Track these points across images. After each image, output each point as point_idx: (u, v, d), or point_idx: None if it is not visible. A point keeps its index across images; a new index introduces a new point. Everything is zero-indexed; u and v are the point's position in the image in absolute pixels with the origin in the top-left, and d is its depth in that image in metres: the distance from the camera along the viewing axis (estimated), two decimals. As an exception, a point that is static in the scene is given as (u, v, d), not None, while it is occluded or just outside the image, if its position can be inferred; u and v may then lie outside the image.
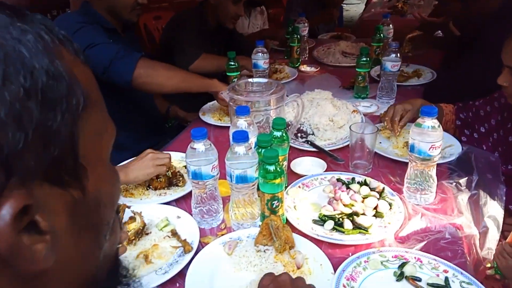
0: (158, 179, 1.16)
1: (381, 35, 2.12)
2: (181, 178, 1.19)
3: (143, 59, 1.46)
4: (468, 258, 0.86)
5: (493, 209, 1.03)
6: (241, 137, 0.92)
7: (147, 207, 1.04)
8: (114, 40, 1.54)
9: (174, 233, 0.95)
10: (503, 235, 1.04)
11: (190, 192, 1.05)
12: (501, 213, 1.02)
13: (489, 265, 0.98)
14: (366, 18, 3.48)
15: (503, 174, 1.08)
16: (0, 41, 0.29)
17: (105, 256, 0.39)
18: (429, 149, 1.00)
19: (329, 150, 1.33)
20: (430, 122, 1.00)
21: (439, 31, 2.19)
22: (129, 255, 0.92)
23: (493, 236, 0.98)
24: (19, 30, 0.31)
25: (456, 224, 0.97)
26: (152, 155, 1.18)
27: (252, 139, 1.06)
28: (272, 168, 0.92)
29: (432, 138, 1.00)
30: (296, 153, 1.36)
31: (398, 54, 1.64)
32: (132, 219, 0.97)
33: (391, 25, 2.24)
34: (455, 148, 1.27)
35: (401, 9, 3.47)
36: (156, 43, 3.41)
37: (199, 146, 0.95)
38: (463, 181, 1.08)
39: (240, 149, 0.93)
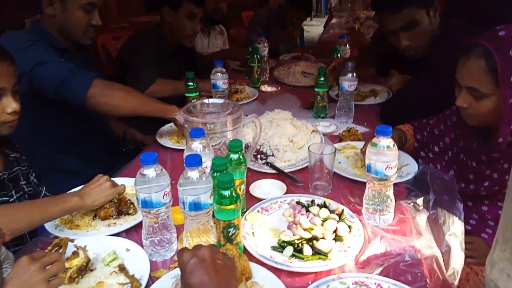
0: (104, 207, 1.08)
1: (339, 54, 2.16)
2: (132, 206, 1.12)
3: (98, 78, 1.39)
4: (429, 281, 0.84)
5: (454, 227, 1.03)
6: (194, 161, 0.88)
7: (93, 240, 0.96)
8: (66, 59, 1.47)
9: (122, 268, 0.88)
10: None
11: (142, 222, 0.98)
12: (462, 230, 1.02)
13: None
14: (325, 39, 3.57)
15: (459, 194, 1.09)
16: None
17: None
18: (385, 169, 0.99)
19: (289, 172, 1.31)
20: (385, 141, 1.00)
21: None
22: (71, 295, 0.84)
23: (457, 255, 0.97)
24: None
25: (415, 247, 0.96)
26: (107, 177, 1.12)
27: (208, 163, 1.02)
28: (227, 193, 0.88)
29: (387, 158, 0.99)
30: (256, 175, 1.32)
31: (355, 74, 1.66)
32: (75, 254, 0.88)
33: (347, 45, 2.29)
34: (412, 167, 1.28)
35: (358, 30, 3.60)
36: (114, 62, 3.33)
37: (149, 171, 0.89)
38: (420, 200, 1.08)
39: (193, 173, 0.88)
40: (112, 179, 1.27)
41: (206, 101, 1.22)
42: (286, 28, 3.28)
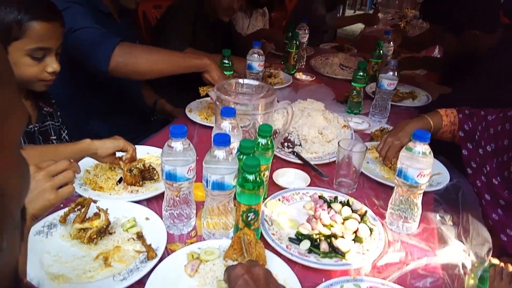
0: (132, 173, 1.09)
1: (381, 51, 2.08)
2: (155, 172, 1.13)
3: (120, 45, 1.32)
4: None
5: (480, 239, 0.99)
6: (222, 140, 0.86)
7: (115, 204, 0.97)
8: (107, 25, 1.46)
9: (140, 236, 0.88)
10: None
11: (164, 193, 0.99)
12: (490, 245, 0.98)
13: (471, 281, 0.93)
14: (367, 33, 3.46)
15: (504, 200, 1.03)
16: None
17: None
18: (417, 176, 0.95)
19: (314, 164, 1.28)
20: (421, 147, 0.95)
21: None
22: (88, 255, 0.85)
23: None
24: None
25: (437, 254, 0.92)
26: (123, 140, 1.13)
27: (235, 144, 1.00)
28: (251, 177, 0.86)
29: (421, 165, 0.95)
30: (280, 163, 1.30)
31: (396, 73, 1.60)
32: (97, 215, 0.90)
33: (391, 43, 2.21)
34: (443, 177, 1.23)
35: (403, 28, 3.46)
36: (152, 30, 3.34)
37: (177, 144, 0.89)
38: (448, 217, 1.04)
39: (220, 153, 0.87)
40: (138, 146, 1.29)
41: (241, 81, 1.20)
42: (332, 10, 3.23)
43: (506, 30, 1.55)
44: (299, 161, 1.30)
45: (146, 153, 1.27)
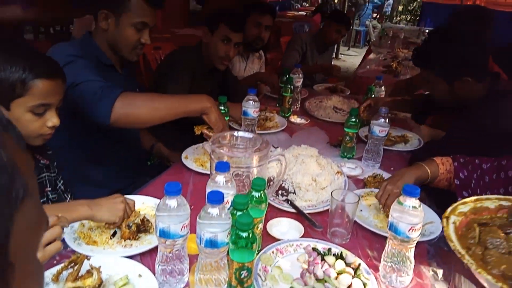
0: (130, 228, 1.09)
1: (373, 95, 2.14)
2: (149, 224, 1.14)
3: (121, 97, 1.33)
4: None
5: None
6: (216, 198, 0.88)
7: (108, 260, 0.97)
8: (110, 77, 1.52)
9: (132, 295, 0.88)
10: None
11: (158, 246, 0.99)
12: None
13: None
14: (360, 74, 3.56)
15: None
16: None
17: None
18: (409, 230, 0.96)
19: (309, 213, 1.29)
20: (411, 202, 0.97)
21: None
22: (79, 314, 0.85)
23: None
24: None
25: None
26: (123, 198, 1.13)
27: (229, 198, 1.02)
28: (245, 234, 0.88)
29: (412, 219, 0.97)
30: (274, 211, 1.31)
31: (387, 120, 1.64)
32: (89, 273, 0.90)
33: (383, 87, 2.28)
34: (436, 226, 1.24)
35: (395, 69, 3.57)
36: (152, 73, 3.43)
37: (172, 202, 0.90)
38: (440, 272, 1.04)
39: (213, 210, 0.88)
40: (134, 196, 1.30)
41: (235, 133, 1.23)
42: (325, 50, 3.35)
43: (495, 79, 1.60)
44: (293, 210, 1.32)
45: (142, 203, 1.28)
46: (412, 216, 0.97)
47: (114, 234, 1.10)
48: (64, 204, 1.12)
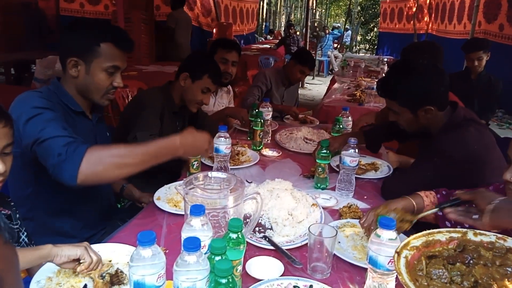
0: (103, 279, 1.04)
1: (341, 126, 2.20)
2: (123, 275, 1.08)
3: (87, 156, 1.23)
4: None
5: None
6: (193, 245, 0.85)
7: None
8: (80, 124, 1.48)
9: None
10: None
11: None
12: None
13: None
14: (327, 103, 3.67)
15: None
16: None
17: None
18: (388, 263, 0.97)
19: (287, 249, 1.28)
20: (388, 234, 0.98)
21: None
22: None
23: None
24: None
25: None
26: (87, 244, 1.09)
27: (206, 241, 1.00)
28: (224, 281, 0.85)
29: (391, 251, 0.97)
30: (253, 250, 1.29)
31: (357, 150, 1.68)
32: None
33: (350, 117, 2.35)
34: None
35: (359, 98, 3.71)
36: (119, 111, 3.37)
37: (146, 252, 0.86)
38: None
39: (191, 258, 0.85)
40: (105, 245, 1.24)
41: (209, 174, 1.22)
42: (290, 85, 3.44)
43: (454, 107, 1.68)
44: (272, 247, 1.29)
45: (112, 251, 1.22)
46: (391, 248, 0.97)
47: (85, 287, 1.04)
48: (28, 249, 1.07)
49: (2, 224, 0.35)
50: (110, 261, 1.14)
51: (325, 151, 1.73)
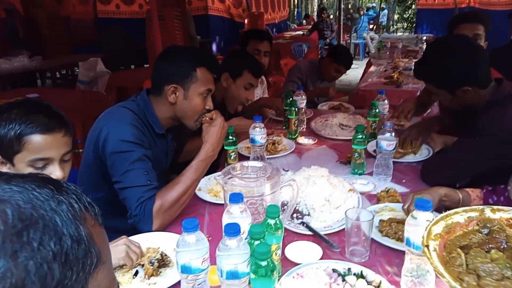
0: (153, 265, 1.12)
1: (377, 110, 2.17)
2: (169, 258, 1.17)
3: (155, 210, 1.34)
4: None
5: None
6: (233, 231, 0.91)
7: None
8: (158, 144, 1.58)
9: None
10: None
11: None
12: None
13: None
14: (362, 88, 3.60)
15: None
16: (42, 213, 0.38)
17: None
18: (426, 244, 0.97)
19: (325, 234, 1.31)
20: (424, 215, 0.98)
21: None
22: None
23: None
24: (57, 201, 0.41)
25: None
26: (126, 240, 1.17)
27: (245, 227, 1.05)
28: (264, 263, 0.90)
29: (428, 232, 0.98)
30: (291, 235, 1.33)
31: (393, 133, 1.67)
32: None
33: (386, 101, 2.30)
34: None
35: (396, 80, 3.60)
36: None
37: (190, 238, 0.93)
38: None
39: (231, 242, 0.91)
40: (151, 233, 1.32)
41: (245, 163, 1.26)
42: (324, 80, 3.36)
43: (497, 84, 1.62)
44: (309, 232, 1.33)
45: (160, 239, 1.31)
46: (427, 230, 0.98)
47: (136, 274, 1.13)
48: None
49: (96, 210, 0.44)
50: (158, 248, 1.22)
51: (360, 136, 1.72)
